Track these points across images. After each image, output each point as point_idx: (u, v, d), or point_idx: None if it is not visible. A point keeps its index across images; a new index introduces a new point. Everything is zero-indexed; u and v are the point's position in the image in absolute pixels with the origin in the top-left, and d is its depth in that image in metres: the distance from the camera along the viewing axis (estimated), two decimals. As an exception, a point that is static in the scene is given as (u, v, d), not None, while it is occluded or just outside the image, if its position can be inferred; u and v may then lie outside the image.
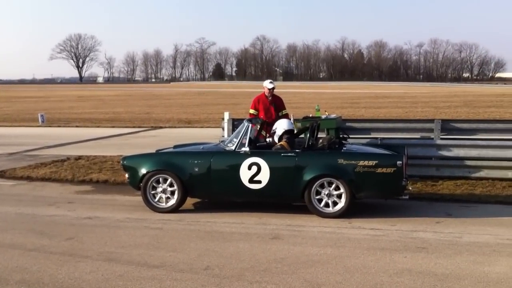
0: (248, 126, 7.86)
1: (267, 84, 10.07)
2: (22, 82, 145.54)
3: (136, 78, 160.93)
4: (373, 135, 10.46)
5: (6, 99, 50.97)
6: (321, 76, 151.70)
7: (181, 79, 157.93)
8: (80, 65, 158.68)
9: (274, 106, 10.02)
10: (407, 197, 7.56)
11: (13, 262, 5.64)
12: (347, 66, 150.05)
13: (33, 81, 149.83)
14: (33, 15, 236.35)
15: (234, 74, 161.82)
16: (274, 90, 10.07)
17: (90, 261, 5.65)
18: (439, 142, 9.99)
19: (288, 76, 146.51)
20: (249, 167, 7.53)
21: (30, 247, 6.17)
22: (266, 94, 10.02)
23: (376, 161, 7.30)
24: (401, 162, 7.28)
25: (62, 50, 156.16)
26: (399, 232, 6.70)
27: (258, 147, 8.03)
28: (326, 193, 7.42)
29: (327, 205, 7.44)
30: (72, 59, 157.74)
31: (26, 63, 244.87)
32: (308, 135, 7.88)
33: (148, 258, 5.75)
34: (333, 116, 10.18)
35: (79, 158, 12.77)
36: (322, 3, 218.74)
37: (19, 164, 12.13)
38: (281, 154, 7.65)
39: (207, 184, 7.75)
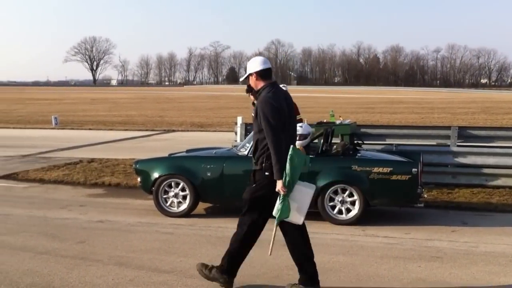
0: (261, 131, 7.77)
1: (280, 88, 9.99)
2: (36, 84, 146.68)
3: (150, 81, 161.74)
4: (388, 141, 10.33)
5: (20, 101, 51.35)
6: (336, 81, 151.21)
7: (195, 82, 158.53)
8: (94, 68, 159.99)
9: (288, 111, 9.91)
10: (422, 205, 7.46)
11: (24, 265, 5.61)
12: (362, 71, 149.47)
13: (47, 83, 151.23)
14: (48, 17, 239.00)
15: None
16: (288, 95, 9.98)
17: (101, 265, 5.62)
18: (455, 149, 9.84)
19: (303, 80, 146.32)
20: (262, 173, 7.44)
21: (41, 250, 6.15)
22: (280, 98, 9.92)
23: (391, 168, 7.20)
24: (416, 169, 7.17)
25: (77, 53, 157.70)
26: (414, 240, 6.59)
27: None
28: (339, 199, 7.33)
29: (340, 212, 7.35)
30: (87, 62, 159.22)
31: (41, 65, 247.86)
32: (322, 140, 7.80)
33: (159, 263, 5.70)
34: (347, 121, 10.07)
35: (91, 161, 12.80)
36: (338, 7, 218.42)
37: (32, 167, 12.18)
38: (294, 160, 7.55)
39: (219, 189, 7.70)
